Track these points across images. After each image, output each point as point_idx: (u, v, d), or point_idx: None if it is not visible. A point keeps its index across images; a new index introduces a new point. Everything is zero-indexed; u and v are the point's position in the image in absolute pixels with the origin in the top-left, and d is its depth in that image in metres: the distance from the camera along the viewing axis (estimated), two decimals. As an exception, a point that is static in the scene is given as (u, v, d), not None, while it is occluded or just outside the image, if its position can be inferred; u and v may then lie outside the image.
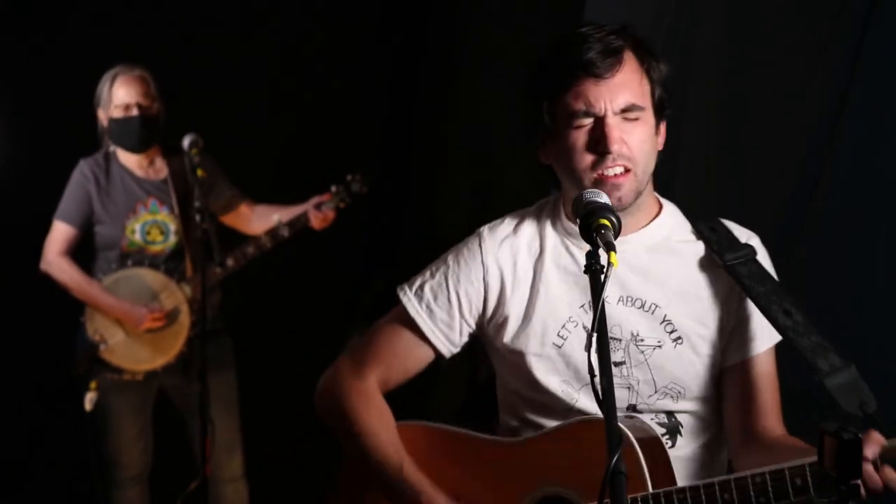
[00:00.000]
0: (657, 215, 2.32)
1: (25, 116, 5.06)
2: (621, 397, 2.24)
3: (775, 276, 2.28)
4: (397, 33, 5.42)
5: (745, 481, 2.04)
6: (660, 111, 2.25)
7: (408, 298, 2.35)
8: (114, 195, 4.41)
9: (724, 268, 2.26)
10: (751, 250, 2.29)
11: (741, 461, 2.29)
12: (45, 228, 4.45)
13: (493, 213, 2.44)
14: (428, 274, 2.36)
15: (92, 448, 4.45)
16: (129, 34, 5.08)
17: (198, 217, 4.20)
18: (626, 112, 2.18)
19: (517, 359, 2.30)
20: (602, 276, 1.85)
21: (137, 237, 4.40)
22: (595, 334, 1.81)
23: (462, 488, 2.28)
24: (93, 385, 4.39)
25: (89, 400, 4.37)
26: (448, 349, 2.35)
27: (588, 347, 1.80)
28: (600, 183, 2.17)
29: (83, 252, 4.45)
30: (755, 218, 3.40)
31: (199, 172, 4.22)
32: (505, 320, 2.30)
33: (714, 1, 3.60)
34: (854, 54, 3.14)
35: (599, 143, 2.17)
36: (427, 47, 5.37)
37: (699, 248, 2.30)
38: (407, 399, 2.47)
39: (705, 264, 2.29)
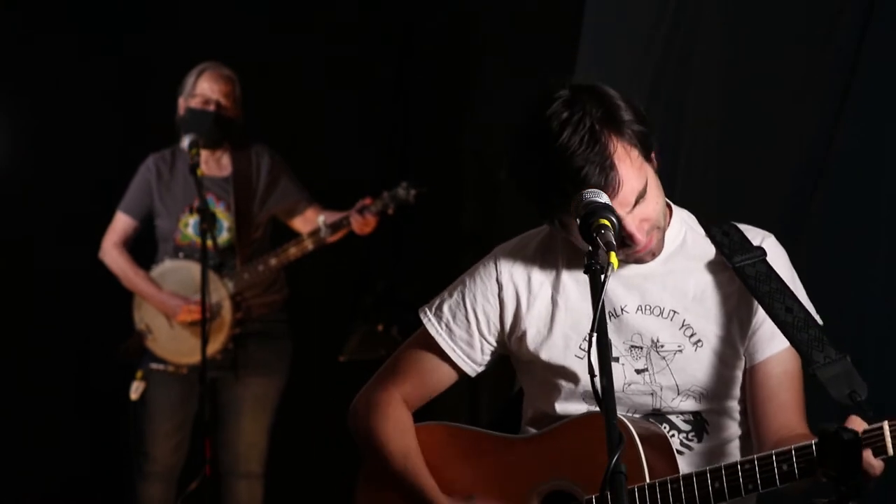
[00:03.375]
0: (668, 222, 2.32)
1: (25, 116, 5.08)
2: (645, 403, 2.28)
3: (789, 275, 2.30)
4: (403, 39, 5.43)
5: (734, 468, 2.09)
6: (648, 152, 2.23)
7: (428, 319, 2.39)
8: (174, 189, 4.49)
9: (733, 269, 2.28)
10: (761, 252, 2.30)
11: None
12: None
13: (496, 219, 2.45)
14: (446, 294, 2.40)
15: (129, 437, 4.50)
16: (132, 34, 5.10)
17: (198, 217, 4.22)
18: (636, 202, 2.17)
19: (540, 370, 2.34)
20: (602, 276, 1.86)
21: (190, 231, 4.46)
22: (595, 334, 1.82)
23: (475, 486, 2.33)
24: (139, 374, 4.45)
25: (135, 389, 4.43)
26: (471, 368, 2.39)
27: (588, 347, 1.81)
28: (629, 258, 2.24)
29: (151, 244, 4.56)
30: (755, 218, 3.41)
31: (199, 172, 4.23)
32: (524, 334, 2.32)
33: (714, 1, 3.60)
34: (854, 55, 3.15)
35: (626, 241, 2.18)
36: (429, 50, 5.37)
37: (710, 252, 2.32)
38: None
39: (717, 268, 2.31)
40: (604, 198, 2.01)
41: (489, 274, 2.36)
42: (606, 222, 1.94)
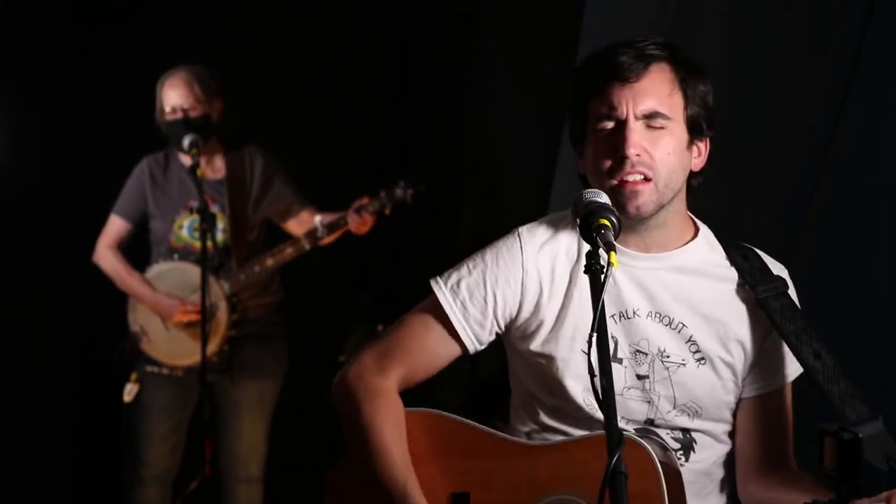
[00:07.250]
0: (692, 238, 2.29)
1: (25, 116, 5.09)
2: (641, 410, 2.25)
3: (802, 311, 2.28)
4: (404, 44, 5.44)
5: None
6: (694, 129, 2.22)
7: (443, 294, 2.29)
8: (168, 192, 4.48)
9: (756, 301, 2.24)
10: (782, 283, 2.27)
11: (750, 491, 2.30)
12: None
13: (496, 219, 2.42)
14: (465, 270, 2.30)
15: (123, 440, 4.49)
16: (132, 34, 5.10)
17: (198, 218, 4.22)
18: (649, 118, 2.15)
19: (544, 362, 2.28)
20: (602, 276, 1.85)
21: (184, 233, 4.45)
22: (595, 334, 1.81)
23: (471, 484, 2.26)
24: (133, 377, 4.44)
25: (128, 392, 4.42)
26: (474, 347, 2.31)
27: (588, 347, 1.81)
28: (619, 189, 2.16)
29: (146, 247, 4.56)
30: (755, 218, 3.41)
31: (199, 172, 4.23)
32: (538, 325, 2.28)
33: (714, 1, 3.60)
34: (854, 55, 3.15)
35: (618, 146, 2.15)
36: (429, 50, 5.37)
37: (732, 276, 2.28)
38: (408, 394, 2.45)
39: (737, 293, 2.28)
40: (603, 198, 2.00)
41: (514, 257, 2.27)
42: (606, 222, 1.93)
